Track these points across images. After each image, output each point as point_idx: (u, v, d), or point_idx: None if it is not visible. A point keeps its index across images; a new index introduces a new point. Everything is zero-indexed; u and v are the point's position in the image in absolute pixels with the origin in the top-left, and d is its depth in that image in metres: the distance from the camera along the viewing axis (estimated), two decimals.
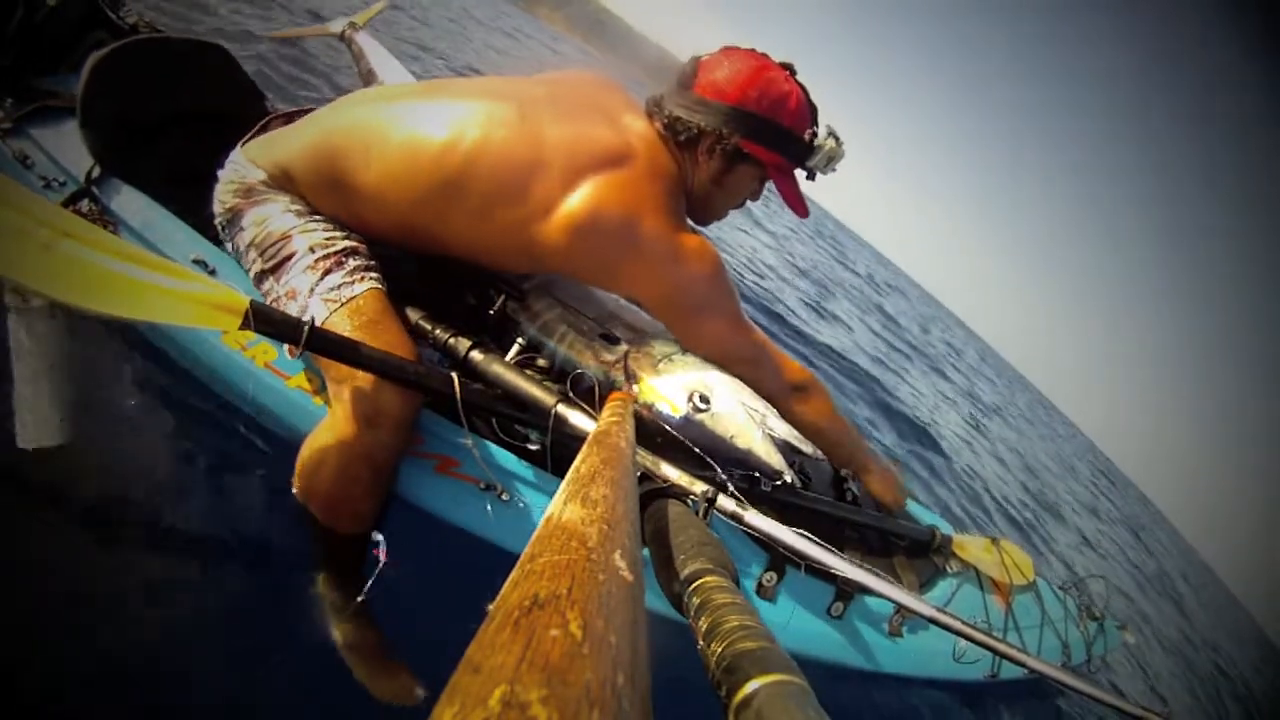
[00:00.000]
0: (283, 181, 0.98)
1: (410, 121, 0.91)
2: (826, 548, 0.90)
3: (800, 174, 1.07)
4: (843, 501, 1.25)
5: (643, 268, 0.93)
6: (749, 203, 1.13)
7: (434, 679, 0.85)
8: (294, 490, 0.90)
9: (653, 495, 0.81)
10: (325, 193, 0.96)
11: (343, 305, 0.89)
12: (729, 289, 1.01)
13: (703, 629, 0.41)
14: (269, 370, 0.98)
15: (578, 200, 0.88)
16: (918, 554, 1.36)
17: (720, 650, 0.37)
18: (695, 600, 0.46)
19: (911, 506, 1.74)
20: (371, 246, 1.00)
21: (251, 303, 0.72)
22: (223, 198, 1.00)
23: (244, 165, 0.99)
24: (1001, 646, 0.93)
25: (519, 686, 0.17)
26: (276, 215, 0.96)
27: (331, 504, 0.88)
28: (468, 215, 0.91)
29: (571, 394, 0.94)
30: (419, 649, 0.88)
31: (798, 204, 1.09)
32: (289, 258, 0.93)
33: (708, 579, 0.49)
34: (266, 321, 0.73)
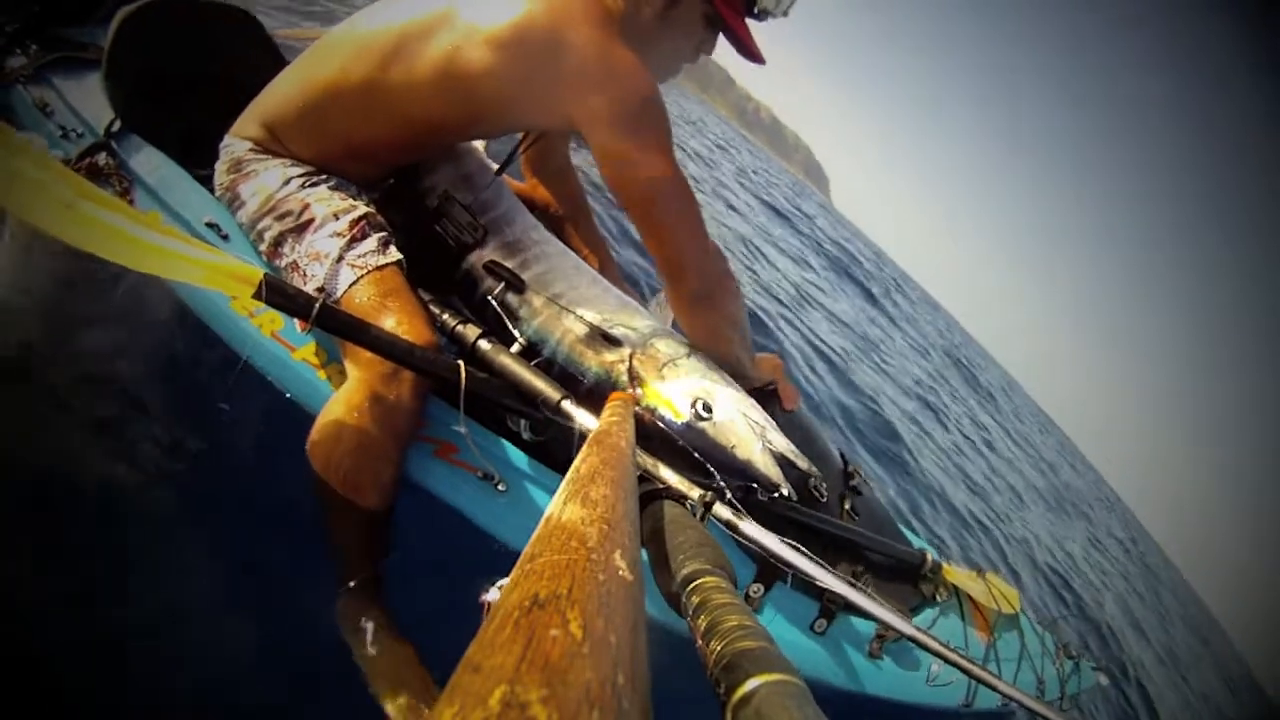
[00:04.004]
0: (270, 143, 1.00)
1: (379, 18, 0.94)
2: (818, 562, 0.89)
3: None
4: (845, 516, 1.25)
5: (575, 78, 0.87)
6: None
7: (425, 663, 0.85)
8: (310, 463, 0.87)
9: (652, 496, 0.81)
10: (314, 132, 0.98)
11: (369, 272, 0.92)
12: (664, 120, 0.93)
13: (701, 628, 0.41)
14: (275, 340, 0.98)
15: (504, 17, 0.86)
16: (907, 576, 1.36)
17: (719, 649, 0.37)
18: (694, 600, 0.46)
19: (902, 531, 1.74)
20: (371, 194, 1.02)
21: (265, 275, 0.72)
22: (219, 180, 1.03)
23: (229, 142, 1.02)
24: (977, 671, 0.93)
25: (519, 686, 0.17)
26: (277, 182, 0.97)
27: (353, 472, 0.86)
28: (417, 67, 0.90)
29: (573, 392, 0.93)
30: (412, 635, 0.88)
31: (751, 48, 1.01)
32: (310, 222, 0.95)
33: (706, 579, 0.49)
34: (279, 294, 0.73)
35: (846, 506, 1.29)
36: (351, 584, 0.88)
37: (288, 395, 1.00)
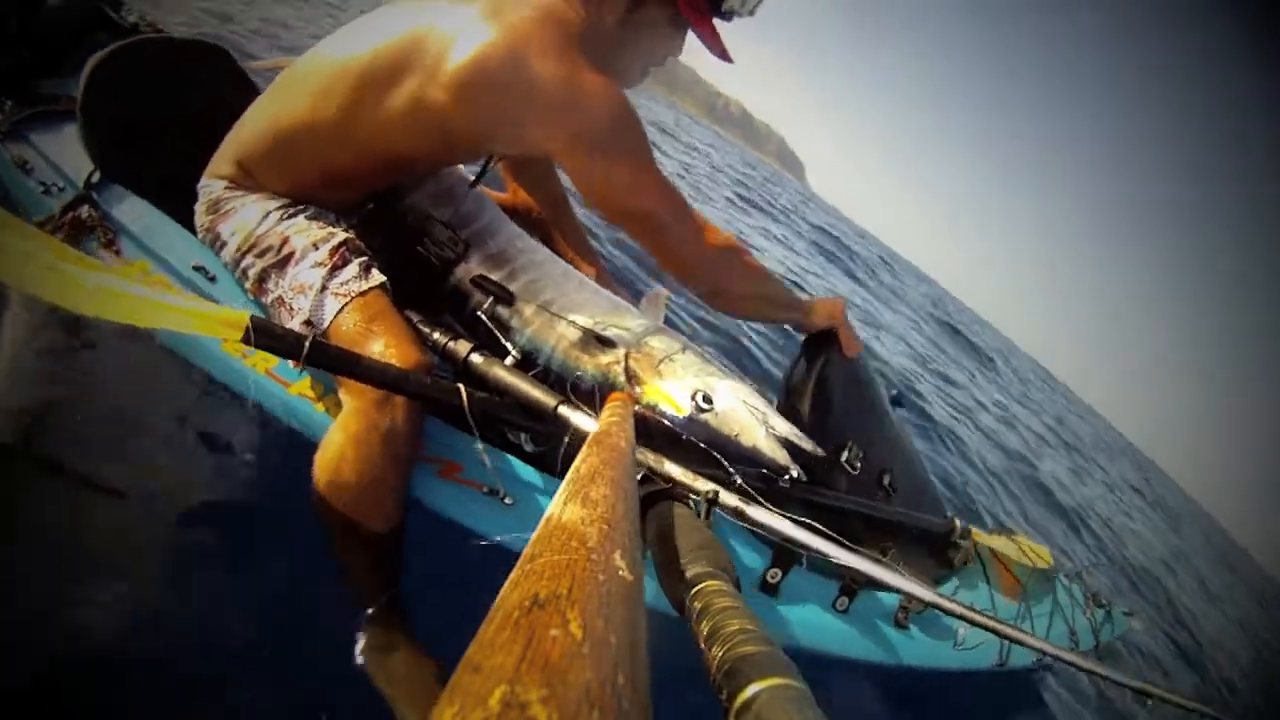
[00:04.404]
0: (245, 180, 1.00)
1: (345, 47, 0.94)
2: (832, 538, 0.89)
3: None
4: (884, 489, 1.25)
5: (541, 111, 0.87)
6: None
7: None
8: (314, 496, 0.87)
9: (655, 497, 0.80)
10: (287, 165, 0.98)
11: (353, 299, 0.92)
12: (639, 134, 0.93)
13: (704, 633, 0.41)
14: (270, 377, 0.99)
15: (462, 54, 0.85)
16: (936, 546, 1.36)
17: (721, 654, 0.37)
18: (697, 604, 0.46)
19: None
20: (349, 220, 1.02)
21: (252, 318, 0.72)
22: (199, 221, 1.02)
23: (206, 183, 1.02)
24: (1003, 628, 0.93)
25: (519, 686, 0.17)
26: (256, 218, 0.97)
27: (357, 502, 0.87)
28: (387, 104, 0.90)
29: (572, 396, 0.93)
30: (433, 653, 0.89)
31: (717, 47, 1.00)
32: (290, 255, 0.95)
33: (709, 583, 0.49)
34: (268, 336, 0.74)
35: (885, 481, 1.28)
36: (370, 610, 0.89)
37: (289, 431, 1.00)
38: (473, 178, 1.26)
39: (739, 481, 0.92)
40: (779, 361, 3.24)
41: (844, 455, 1.18)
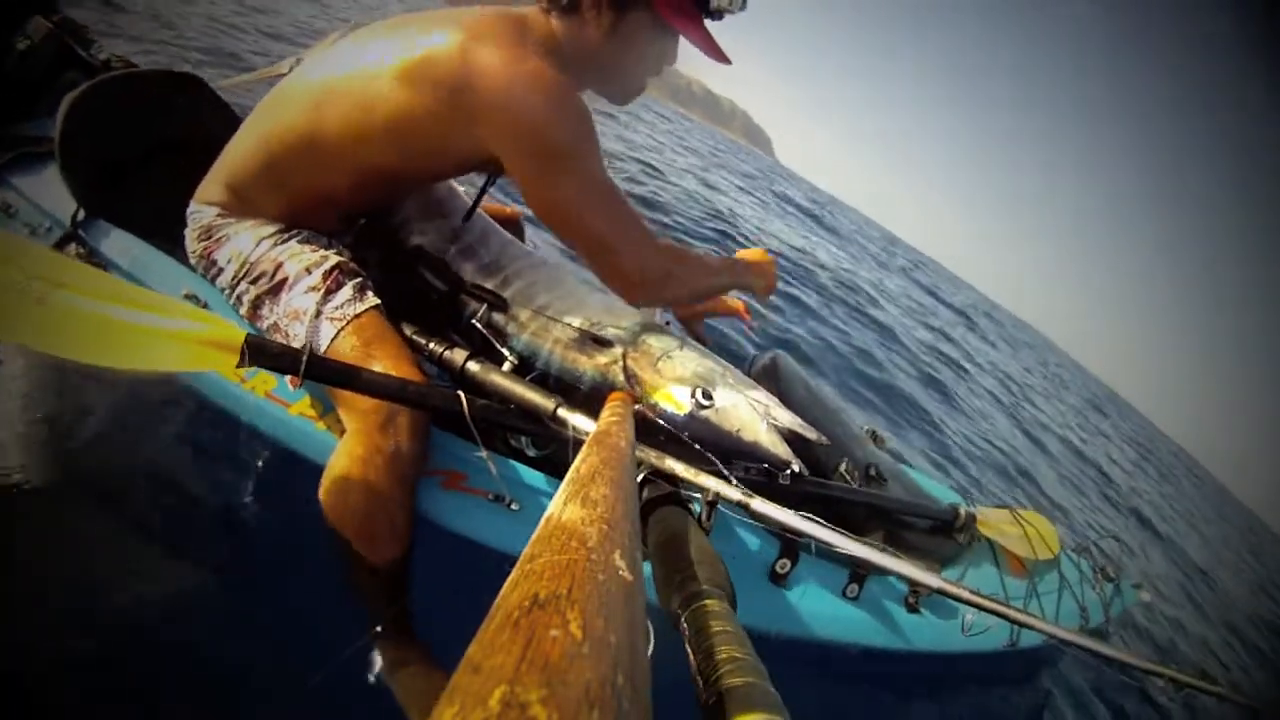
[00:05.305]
0: (236, 205, 0.99)
1: (327, 69, 0.93)
2: (832, 529, 0.89)
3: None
4: (871, 483, 1.26)
5: (484, 101, 0.83)
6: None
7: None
8: (321, 519, 0.87)
9: (656, 503, 0.79)
10: (278, 189, 0.97)
11: (348, 322, 0.91)
12: (590, 140, 0.89)
13: (696, 656, 0.41)
14: (270, 400, 0.98)
15: (413, 50, 0.85)
16: (942, 532, 1.36)
17: (708, 683, 0.37)
18: (692, 625, 0.46)
19: (933, 487, 1.75)
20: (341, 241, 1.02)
21: (247, 337, 0.72)
22: (191, 247, 1.02)
23: (196, 209, 1.01)
24: (1013, 613, 0.92)
25: (519, 686, 0.18)
26: (250, 244, 0.97)
27: (367, 525, 0.86)
28: (369, 121, 0.89)
29: (571, 397, 0.93)
30: (445, 664, 0.89)
31: (711, 49, 0.96)
32: (284, 281, 0.94)
33: (704, 603, 0.48)
34: (264, 354, 0.73)
35: (871, 473, 1.29)
36: (380, 626, 0.89)
37: (292, 453, 1.00)
38: (462, 189, 1.26)
39: (742, 477, 0.92)
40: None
41: (839, 468, 1.20)
